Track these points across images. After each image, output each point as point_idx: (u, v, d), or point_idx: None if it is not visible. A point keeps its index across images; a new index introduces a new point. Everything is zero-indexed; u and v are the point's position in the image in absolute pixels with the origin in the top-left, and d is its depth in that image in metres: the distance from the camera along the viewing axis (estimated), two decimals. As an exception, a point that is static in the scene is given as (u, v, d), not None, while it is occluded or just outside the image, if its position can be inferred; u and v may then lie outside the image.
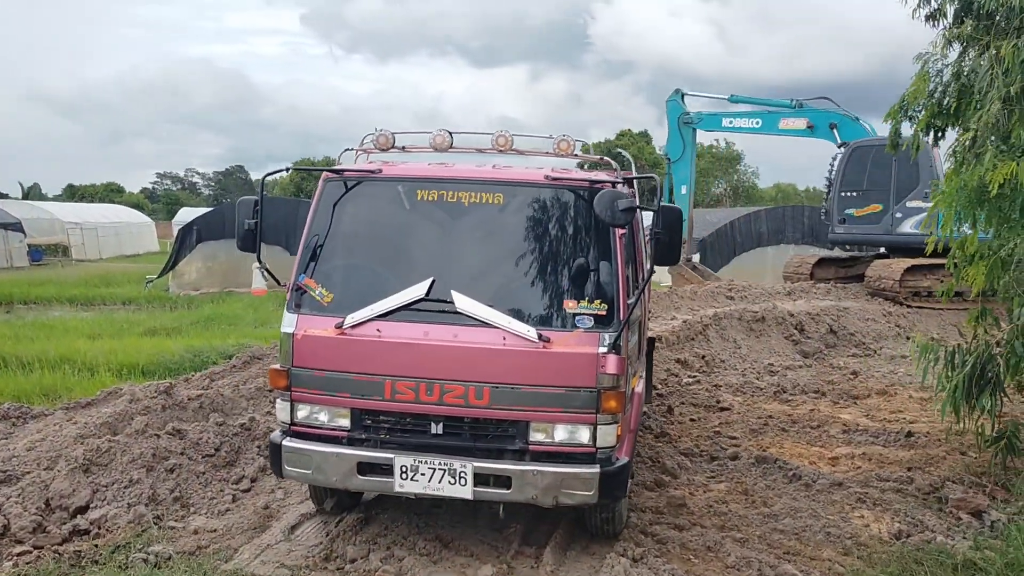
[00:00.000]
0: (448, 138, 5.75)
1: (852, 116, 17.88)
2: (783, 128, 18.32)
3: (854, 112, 17.88)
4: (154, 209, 75.76)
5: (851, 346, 13.94)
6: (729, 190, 58.39)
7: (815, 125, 17.92)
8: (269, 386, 7.63)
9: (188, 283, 26.83)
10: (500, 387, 4.98)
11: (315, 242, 5.44)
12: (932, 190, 7.01)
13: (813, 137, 18.21)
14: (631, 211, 4.91)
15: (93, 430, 6.84)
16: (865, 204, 17.28)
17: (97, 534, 5.66)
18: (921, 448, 7.97)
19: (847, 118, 17.81)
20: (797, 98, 18.19)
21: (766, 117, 18.51)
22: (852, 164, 17.34)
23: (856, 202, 17.44)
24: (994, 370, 5.74)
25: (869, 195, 17.25)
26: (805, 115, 18.05)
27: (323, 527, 5.82)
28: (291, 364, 5.24)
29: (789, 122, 18.20)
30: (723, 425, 8.92)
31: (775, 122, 18.38)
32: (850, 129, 17.82)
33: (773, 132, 18.68)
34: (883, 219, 17.04)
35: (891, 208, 16.88)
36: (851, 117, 17.85)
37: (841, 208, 17.65)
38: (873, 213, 17.20)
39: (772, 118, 18.41)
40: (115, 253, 43.35)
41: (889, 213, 16.93)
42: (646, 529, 5.88)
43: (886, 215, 17.00)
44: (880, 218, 17.09)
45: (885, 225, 17.01)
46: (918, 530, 6.00)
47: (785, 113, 18.24)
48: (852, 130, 17.82)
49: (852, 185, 17.46)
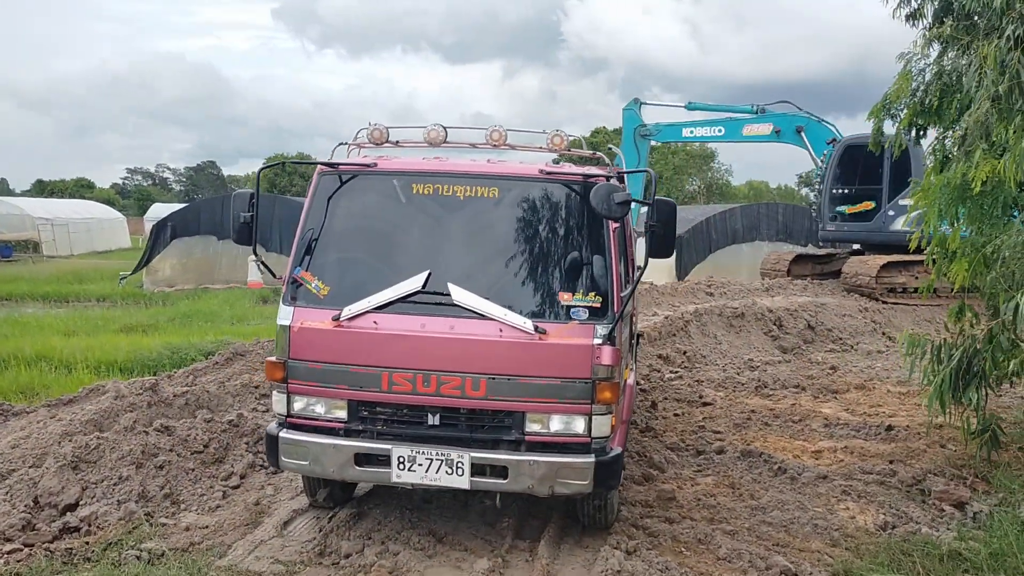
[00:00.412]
0: (442, 133, 5.77)
1: (815, 118, 17.84)
2: (747, 135, 18.09)
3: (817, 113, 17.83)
4: (125, 205, 74.96)
5: (829, 341, 14.10)
6: (703, 187, 58.78)
7: (781, 129, 17.74)
8: (265, 378, 7.62)
9: (162, 279, 26.63)
10: (497, 378, 5.02)
11: (310, 236, 5.44)
12: (912, 188, 7.12)
13: (779, 142, 17.99)
14: (627, 204, 4.96)
15: (79, 427, 6.78)
16: (857, 202, 17.23)
17: (88, 531, 5.61)
18: (902, 441, 8.10)
19: (811, 120, 17.75)
20: (757, 103, 17.99)
21: (729, 125, 18.26)
22: (843, 161, 17.23)
23: (849, 199, 17.38)
24: (980, 364, 5.85)
25: (861, 193, 17.20)
26: (769, 120, 17.84)
27: (316, 522, 5.81)
28: (288, 356, 5.24)
29: (753, 128, 17.98)
30: (707, 420, 9.00)
31: (738, 129, 18.15)
32: (816, 130, 17.75)
33: (737, 139, 18.43)
34: (876, 217, 17.00)
35: (884, 206, 16.83)
36: (815, 119, 17.81)
37: (832, 205, 17.56)
38: (865, 211, 17.16)
39: (735, 125, 18.18)
40: (86, 249, 42.83)
41: (882, 211, 16.88)
42: (637, 522, 5.93)
43: (879, 213, 16.95)
44: (872, 216, 17.05)
45: (878, 223, 16.94)
46: (903, 522, 6.11)
47: (748, 120, 18.03)
48: (818, 131, 17.76)
49: (843, 183, 17.41)
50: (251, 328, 16.45)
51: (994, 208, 6.20)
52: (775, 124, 17.75)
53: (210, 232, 27.05)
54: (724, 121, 18.32)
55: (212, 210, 27.85)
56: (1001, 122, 5.54)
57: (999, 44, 5.73)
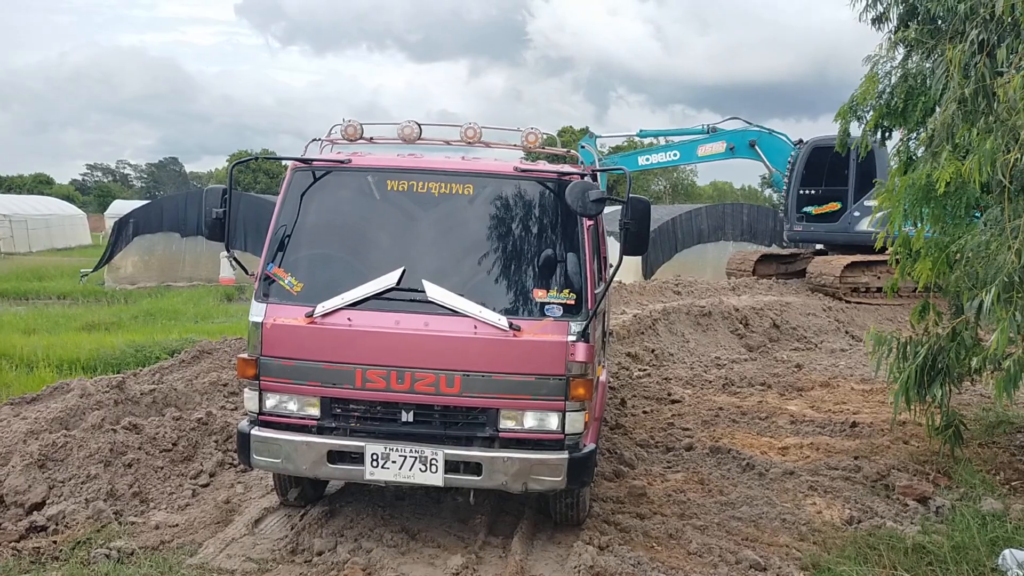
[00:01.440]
0: (416, 129, 5.77)
1: (766, 130, 18.23)
2: (702, 155, 18.46)
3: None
4: (85, 201, 73.70)
5: (794, 340, 14.29)
6: (668, 187, 59.21)
7: (735, 145, 18.10)
8: (234, 376, 7.56)
9: (124, 277, 26.29)
10: (471, 375, 5.03)
11: (283, 232, 5.41)
12: (876, 189, 7.26)
13: (735, 157, 18.37)
14: (601, 202, 5.00)
15: (45, 425, 6.68)
16: (823, 203, 17.51)
17: (55, 530, 5.54)
18: (866, 438, 8.24)
19: (763, 132, 18.12)
20: (708, 124, 18.44)
21: (683, 148, 18.61)
22: (810, 163, 17.50)
23: (815, 200, 17.65)
24: (944, 361, 5.98)
25: (827, 194, 17.48)
26: (722, 138, 18.22)
27: (287, 520, 5.79)
28: (260, 353, 5.20)
29: (707, 148, 18.32)
30: (676, 417, 9.08)
31: (693, 151, 18.51)
32: (769, 142, 18.11)
33: (693, 161, 18.89)
34: (841, 217, 17.28)
35: (849, 207, 17.13)
36: (765, 131, 18.18)
37: (799, 206, 17.83)
38: (831, 212, 17.45)
39: (690, 148, 18.52)
40: (46, 246, 42.06)
41: (847, 211, 17.18)
42: (609, 518, 5.98)
43: (844, 213, 17.24)
44: (838, 216, 17.33)
45: (843, 223, 17.23)
46: (868, 516, 6.21)
47: (701, 140, 18.37)
48: (771, 142, 18.12)
49: (810, 183, 17.66)
50: (216, 326, 16.30)
51: (958, 209, 6.33)
52: (728, 141, 18.17)
53: (173, 229, 26.75)
54: (678, 145, 18.73)
55: (175, 207, 27.53)
56: (966, 124, 5.66)
57: (964, 48, 5.84)
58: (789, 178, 17.92)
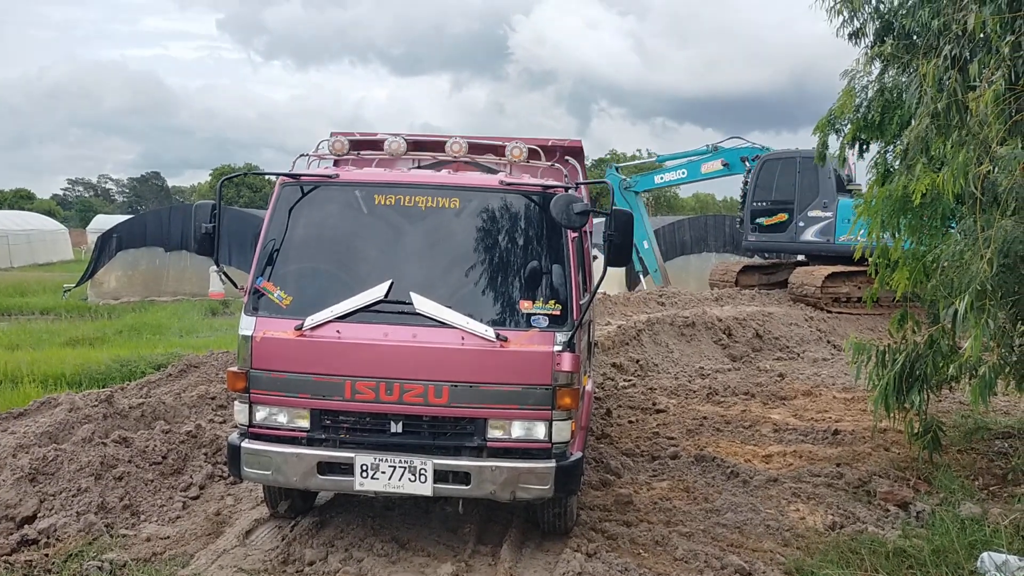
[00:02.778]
0: (403, 144, 5.86)
1: (760, 147, 19.07)
2: (705, 172, 19.55)
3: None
4: (67, 216, 73.25)
5: (776, 350, 14.44)
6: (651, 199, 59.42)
7: (729, 163, 19.13)
8: (226, 389, 7.59)
9: (108, 292, 26.16)
10: (459, 386, 5.11)
11: (272, 246, 5.48)
12: (855, 202, 7.41)
13: (732, 174, 19.38)
14: (586, 214, 5.11)
15: (34, 439, 6.69)
16: (773, 214, 18.47)
17: (47, 543, 5.56)
18: (848, 445, 8.36)
19: (755, 149, 18.97)
20: (711, 143, 19.51)
21: (689, 167, 19.68)
22: (762, 176, 18.60)
23: (766, 212, 18.63)
24: (922, 368, 6.11)
25: (777, 205, 18.47)
26: (719, 156, 19.26)
27: (278, 531, 5.83)
28: (250, 366, 5.26)
29: (708, 166, 19.41)
30: (661, 426, 9.19)
31: (697, 169, 19.57)
32: None
33: (699, 178, 20.01)
34: (788, 228, 18.25)
35: (795, 218, 18.09)
36: (759, 148, 19.03)
37: (753, 217, 18.84)
38: (780, 222, 18.40)
39: (695, 166, 19.59)
40: (27, 262, 41.76)
41: (793, 222, 18.14)
42: (596, 526, 6.06)
43: (791, 224, 18.19)
44: (786, 227, 18.29)
45: (790, 234, 18.23)
46: (850, 521, 6.32)
47: (704, 159, 19.47)
48: None
49: (762, 196, 18.68)
50: (201, 340, 16.29)
51: (933, 219, 6.48)
52: (723, 159, 19.21)
53: (156, 244, 26.67)
54: (686, 164, 19.83)
55: (159, 221, 27.44)
56: (940, 137, 5.81)
57: (937, 63, 6.00)
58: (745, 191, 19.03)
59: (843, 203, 17.04)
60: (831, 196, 17.43)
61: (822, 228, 17.58)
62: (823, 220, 17.55)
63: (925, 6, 6.49)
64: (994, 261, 4.78)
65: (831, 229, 17.37)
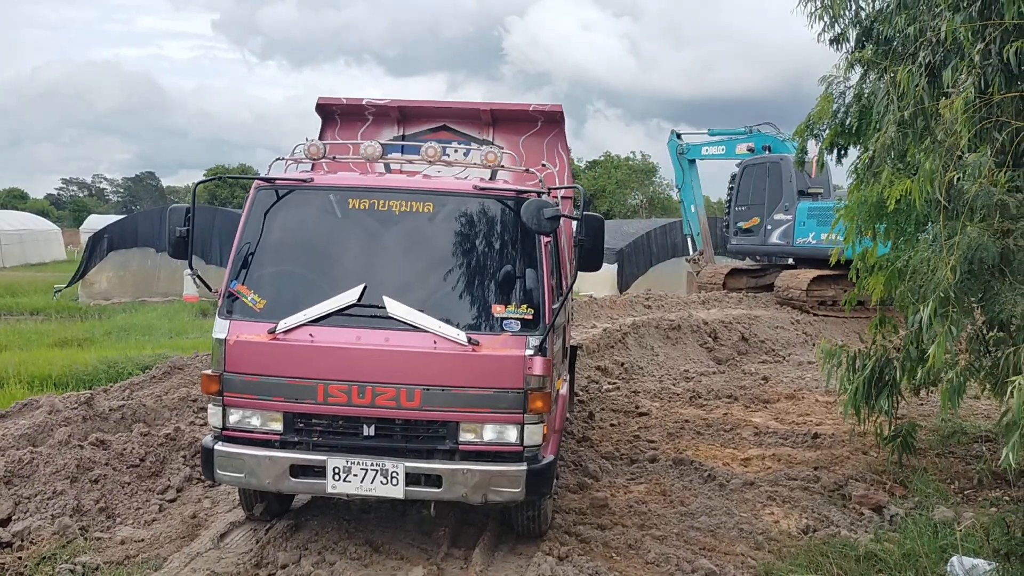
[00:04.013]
0: (379, 149, 5.89)
1: (782, 140, 19.13)
2: (738, 152, 19.90)
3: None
4: (60, 216, 73.13)
5: (762, 353, 14.50)
6: (645, 201, 59.47)
7: (754, 148, 19.41)
8: (201, 391, 7.61)
9: (99, 292, 26.11)
10: (431, 389, 5.14)
11: (247, 249, 5.50)
12: (835, 208, 7.46)
13: None
14: (556, 219, 5.14)
15: (12, 442, 6.70)
16: (749, 218, 19.10)
17: (20, 546, 5.57)
18: (826, 449, 8.41)
19: (777, 139, 19.12)
20: (748, 124, 19.83)
21: (728, 144, 20.12)
22: (743, 181, 19.20)
23: (744, 215, 19.25)
24: (891, 373, 6.15)
25: (752, 209, 19.04)
26: (751, 140, 19.60)
27: (253, 534, 5.85)
28: (223, 369, 5.29)
29: (741, 147, 19.80)
30: (642, 429, 9.22)
31: (733, 148, 19.98)
32: (779, 149, 19.13)
33: (733, 157, 20.29)
34: (759, 231, 18.79)
35: (764, 221, 18.61)
36: (781, 139, 19.11)
37: (735, 221, 19.46)
38: (754, 226, 19.00)
39: (731, 144, 20.02)
40: (19, 262, 41.65)
41: (763, 225, 18.67)
42: (570, 529, 6.09)
43: (761, 227, 18.72)
44: (758, 230, 18.83)
45: (760, 236, 18.79)
46: (824, 525, 6.37)
47: (739, 140, 19.88)
48: (780, 149, 19.11)
49: (742, 200, 19.29)
50: (190, 342, 16.26)
51: (908, 225, 6.52)
52: (752, 143, 19.51)
53: (148, 244, 26.60)
54: (725, 141, 20.30)
55: (150, 222, 27.36)
56: (911, 143, 5.85)
57: (912, 69, 6.04)
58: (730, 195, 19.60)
59: (801, 206, 17.62)
60: (792, 199, 17.91)
61: (784, 231, 18.07)
62: (785, 223, 18.07)
63: (902, 12, 6.52)
64: (957, 268, 4.81)
65: (791, 231, 17.82)
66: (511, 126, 7.63)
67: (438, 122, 7.62)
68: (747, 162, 19.11)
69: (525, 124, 7.63)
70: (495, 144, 7.18)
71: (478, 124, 7.64)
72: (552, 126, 7.63)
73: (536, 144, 7.57)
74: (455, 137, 6.58)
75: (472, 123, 7.65)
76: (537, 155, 7.53)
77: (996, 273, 5.10)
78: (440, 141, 6.39)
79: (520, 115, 7.59)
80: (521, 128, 7.63)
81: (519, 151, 7.35)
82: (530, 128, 7.62)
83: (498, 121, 7.62)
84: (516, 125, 7.63)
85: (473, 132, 7.47)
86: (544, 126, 7.63)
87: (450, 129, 7.56)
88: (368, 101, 7.47)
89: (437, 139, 6.98)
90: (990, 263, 4.98)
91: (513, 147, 7.32)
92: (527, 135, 7.53)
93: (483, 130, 7.63)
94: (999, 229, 5.04)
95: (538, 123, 7.59)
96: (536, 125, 7.59)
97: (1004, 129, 5.18)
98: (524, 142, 7.05)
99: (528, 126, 7.63)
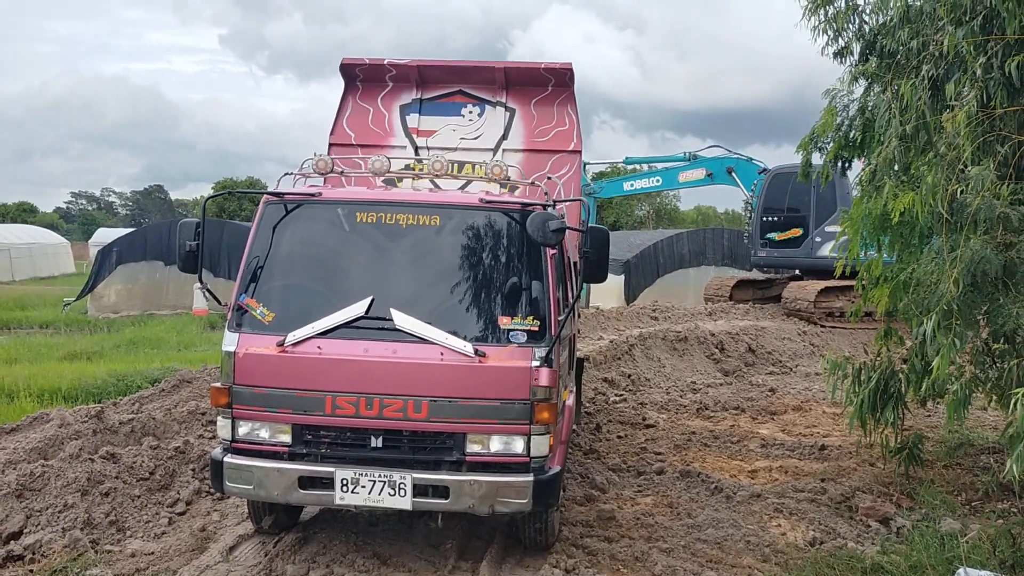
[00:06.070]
0: (386, 163, 5.94)
1: (745, 157, 18.97)
2: (683, 181, 19.36)
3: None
4: (69, 230, 73.48)
5: (769, 364, 14.50)
6: (652, 212, 59.57)
7: (713, 173, 18.96)
8: (210, 404, 7.65)
9: (107, 306, 26.21)
10: (438, 400, 5.18)
11: (256, 263, 5.56)
12: (841, 217, 7.49)
13: (714, 184, 19.20)
14: (561, 231, 5.19)
15: (23, 455, 6.75)
16: (785, 229, 18.21)
17: (32, 559, 5.61)
18: (833, 460, 8.41)
19: (741, 160, 18.89)
20: (689, 151, 19.30)
21: (665, 174, 19.53)
22: (773, 190, 18.26)
23: (777, 227, 18.34)
24: (896, 385, 6.17)
25: (790, 220, 18.20)
26: (702, 165, 19.07)
27: (262, 547, 5.88)
28: (232, 382, 5.34)
29: (688, 175, 19.23)
30: (649, 441, 9.24)
31: (674, 177, 19.40)
32: (746, 168, 18.89)
33: (675, 187, 19.86)
34: (803, 243, 18.00)
35: (811, 232, 17.83)
36: (744, 158, 18.93)
37: (763, 232, 18.53)
38: (794, 237, 18.17)
39: (671, 174, 19.41)
40: (29, 275, 41.91)
41: (809, 237, 17.88)
42: (577, 542, 6.11)
43: (806, 239, 17.94)
44: (801, 242, 18.05)
45: (806, 249, 17.97)
46: (831, 537, 6.37)
47: (682, 167, 19.24)
48: (747, 169, 18.90)
49: (773, 210, 18.38)
50: (199, 355, 16.34)
51: (912, 237, 6.55)
52: (707, 168, 19.02)
53: (157, 258, 26.72)
54: (661, 172, 19.64)
55: (159, 235, 27.50)
56: (916, 157, 5.88)
57: (915, 82, 6.08)
58: (754, 205, 18.75)
59: None
60: None
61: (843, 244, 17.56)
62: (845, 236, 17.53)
63: (905, 26, 6.57)
64: (960, 281, 4.84)
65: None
66: (523, 89, 7.93)
67: (454, 87, 7.94)
68: (778, 170, 18.23)
69: (537, 87, 7.93)
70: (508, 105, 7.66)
71: (492, 88, 7.93)
72: (562, 88, 7.92)
73: (547, 106, 7.81)
74: (470, 100, 6.89)
75: (486, 87, 7.95)
76: (548, 116, 7.84)
77: (1000, 285, 5.13)
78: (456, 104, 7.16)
79: (532, 76, 7.90)
80: (533, 91, 7.94)
81: (531, 112, 7.67)
82: (541, 91, 7.92)
83: (511, 84, 7.91)
84: (528, 89, 7.92)
85: (487, 95, 7.72)
86: (555, 89, 7.93)
87: (465, 93, 7.81)
88: (389, 61, 7.79)
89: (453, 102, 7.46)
90: (993, 275, 5.01)
91: (525, 109, 7.70)
92: (539, 97, 7.79)
93: (496, 93, 7.93)
94: (1002, 242, 5.07)
95: (548, 86, 7.82)
96: (547, 88, 7.84)
97: (1006, 142, 5.22)
98: (536, 104, 7.29)
99: (539, 89, 7.93)
